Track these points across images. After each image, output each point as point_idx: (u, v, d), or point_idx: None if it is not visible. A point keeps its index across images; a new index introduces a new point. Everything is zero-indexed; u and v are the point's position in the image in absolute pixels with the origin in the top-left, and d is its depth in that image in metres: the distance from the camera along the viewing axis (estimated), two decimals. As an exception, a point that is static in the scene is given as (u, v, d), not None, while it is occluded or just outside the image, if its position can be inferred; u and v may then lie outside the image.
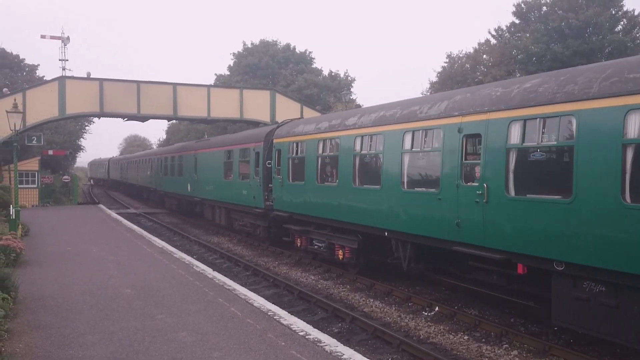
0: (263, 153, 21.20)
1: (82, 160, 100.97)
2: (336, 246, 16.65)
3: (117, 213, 34.45)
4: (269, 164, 20.74)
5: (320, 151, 17.07)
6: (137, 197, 55.22)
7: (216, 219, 28.27)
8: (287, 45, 63.39)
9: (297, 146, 18.63)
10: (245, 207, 23.35)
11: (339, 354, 8.24)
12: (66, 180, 47.21)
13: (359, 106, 47.83)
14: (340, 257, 16.41)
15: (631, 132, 8.20)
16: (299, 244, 18.96)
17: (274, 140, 20.34)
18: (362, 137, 14.99)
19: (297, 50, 63.30)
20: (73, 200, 44.54)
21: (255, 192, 21.83)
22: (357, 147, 15.19)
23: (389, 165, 13.76)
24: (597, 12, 40.04)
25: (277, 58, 60.99)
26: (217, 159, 27.06)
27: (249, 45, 63.76)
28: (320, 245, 17.54)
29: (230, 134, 37.24)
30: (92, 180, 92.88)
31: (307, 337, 9.02)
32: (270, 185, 20.64)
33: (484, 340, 10.84)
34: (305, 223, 18.33)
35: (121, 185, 66.71)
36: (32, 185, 39.55)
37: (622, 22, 42.03)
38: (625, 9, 42.18)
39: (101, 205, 41.43)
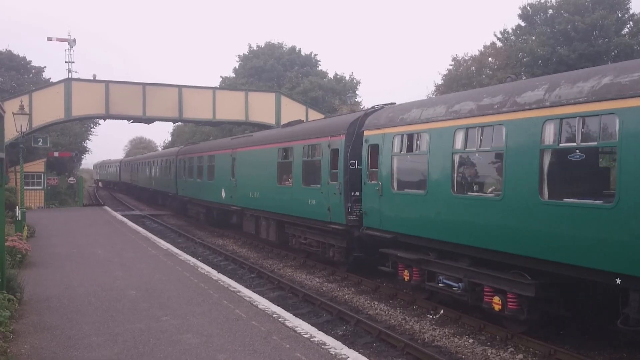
0: (345, 150, 15.98)
1: (88, 162, 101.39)
2: (486, 289, 11.28)
3: (122, 215, 34.55)
4: (353, 164, 15.84)
5: (459, 145, 11.77)
6: (150, 202, 49.55)
7: (262, 233, 22.77)
8: (293, 48, 63.46)
9: (408, 139, 13.67)
10: (311, 222, 18.03)
11: (344, 356, 8.22)
12: (72, 182, 47.35)
13: (362, 108, 47.95)
14: (497, 307, 10.86)
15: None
16: (407, 278, 13.57)
17: (366, 133, 15.18)
18: (561, 120, 9.45)
19: (303, 53, 63.37)
20: (78, 202, 44.67)
21: (332, 203, 16.40)
22: (550, 138, 9.66)
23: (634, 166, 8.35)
24: (603, 14, 39.93)
25: (282, 60, 61.06)
26: (266, 158, 21.60)
27: (255, 48, 63.88)
28: (454, 284, 12.06)
29: (277, 128, 30.53)
30: (100, 183, 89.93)
31: (311, 339, 9.01)
32: (354, 193, 15.79)
33: (489, 343, 10.80)
34: (421, 249, 13.18)
35: (132, 188, 61.51)
36: (38, 187, 39.71)
37: (628, 25, 41.91)
38: (631, 11, 42.08)
39: (106, 207, 41.54)
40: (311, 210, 17.76)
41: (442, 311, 12.72)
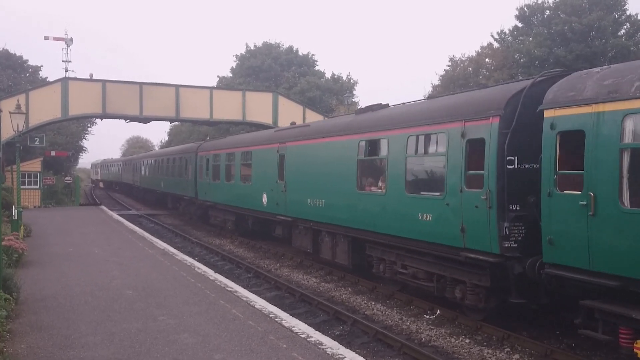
0: (499, 141, 10.52)
1: (84, 161, 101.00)
2: None
3: (118, 214, 34.49)
4: (511, 162, 10.51)
5: None
6: (157, 206, 44.12)
7: (324, 252, 17.40)
8: (290, 48, 63.44)
9: None
10: (421, 244, 12.67)
11: (340, 356, 8.24)
12: (68, 182, 47.28)
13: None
14: None
15: None
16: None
17: (552, 113, 9.59)
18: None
19: (300, 53, 63.35)
20: (75, 202, 44.59)
21: (469, 220, 11.15)
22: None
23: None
24: (600, 16, 40.01)
25: (279, 60, 61.03)
26: (337, 155, 16.17)
27: (252, 48, 63.82)
28: None
29: (333, 116, 27.44)
30: (101, 183, 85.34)
31: (308, 339, 9.02)
32: (513, 207, 10.49)
33: (485, 343, 10.82)
34: None
35: (136, 190, 55.95)
36: (34, 186, 39.61)
37: (625, 26, 42.01)
38: (628, 12, 42.17)
39: (103, 207, 41.47)
40: (424, 228, 12.38)
41: (438, 311, 12.75)
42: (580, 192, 8.94)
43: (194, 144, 34.47)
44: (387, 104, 16.08)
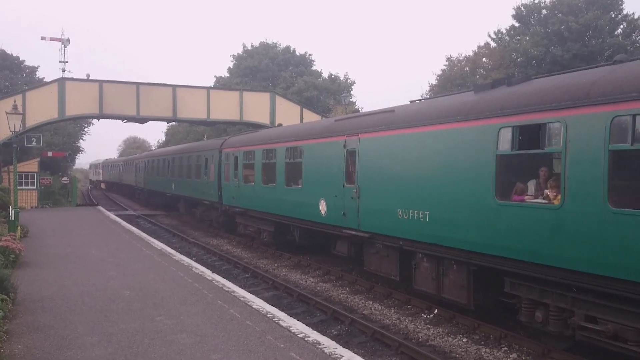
0: None
1: (81, 161, 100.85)
2: None
3: (115, 215, 34.44)
4: None
5: None
6: (165, 209, 41.01)
7: (420, 281, 12.84)
8: (287, 48, 63.46)
9: None
10: None
11: (338, 355, 8.24)
12: (65, 182, 47.20)
13: (358, 109, 47.92)
14: None
15: None
16: None
17: None
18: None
19: (297, 53, 63.38)
20: (72, 202, 44.52)
21: None
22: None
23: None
24: (596, 15, 40.10)
25: (277, 60, 61.05)
26: (451, 150, 11.51)
27: (249, 48, 63.84)
28: None
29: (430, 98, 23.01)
30: (103, 184, 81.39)
31: (306, 339, 9.02)
32: None
33: (483, 343, 10.83)
34: None
35: (139, 193, 51.11)
36: (31, 187, 39.56)
37: (621, 26, 42.09)
38: (625, 12, 42.25)
39: (100, 207, 41.43)
40: None
41: (436, 310, 12.77)
42: None
43: (217, 140, 29.76)
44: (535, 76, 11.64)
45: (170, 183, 36.25)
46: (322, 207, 16.52)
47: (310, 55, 64.06)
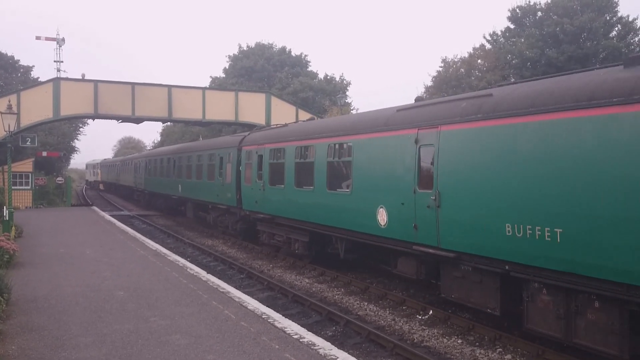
0: None
1: (76, 161, 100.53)
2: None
3: (110, 215, 34.34)
4: None
5: None
6: (170, 211, 38.12)
7: (536, 320, 9.82)
8: (283, 48, 63.46)
9: None
10: None
11: (333, 357, 8.23)
12: (60, 182, 47.07)
13: (353, 111, 47.94)
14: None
15: None
16: None
17: None
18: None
19: (293, 53, 63.39)
20: (67, 202, 44.39)
21: None
22: None
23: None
24: (591, 17, 40.24)
25: (272, 61, 61.04)
26: (604, 145, 8.40)
27: (245, 48, 63.81)
28: None
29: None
30: (102, 185, 78.63)
31: (301, 340, 9.01)
32: None
33: (477, 344, 10.85)
34: None
35: (137, 194, 49.61)
36: (26, 187, 39.39)
37: (616, 28, 42.26)
38: (619, 14, 42.44)
39: (95, 207, 41.31)
40: None
41: (431, 312, 12.78)
42: None
43: (235, 136, 26.33)
44: None
45: (176, 185, 33.25)
46: (382, 216, 13.49)
47: (306, 56, 64.12)
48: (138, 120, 39.33)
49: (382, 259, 15.43)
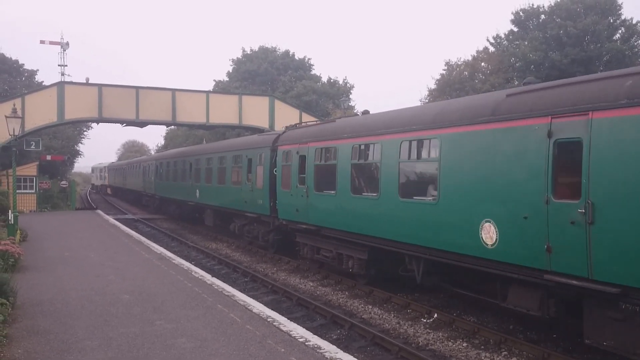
0: None
1: (80, 165, 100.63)
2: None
3: (114, 219, 34.41)
4: None
5: None
6: (184, 221, 35.31)
7: None
8: (286, 52, 63.53)
9: None
10: None
11: (339, 360, 8.24)
12: (64, 186, 47.16)
13: (357, 113, 47.93)
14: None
15: None
16: None
17: None
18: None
19: (296, 57, 63.44)
20: (71, 206, 44.49)
21: None
22: None
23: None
24: (595, 20, 40.20)
25: (276, 64, 61.09)
26: None
27: (248, 52, 63.88)
28: None
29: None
30: (109, 190, 75.22)
31: (307, 343, 9.01)
32: None
33: (482, 347, 10.83)
34: None
35: (146, 199, 46.48)
36: (30, 191, 39.50)
37: (620, 31, 42.20)
38: (623, 17, 42.39)
39: (99, 211, 41.40)
40: None
41: (435, 315, 12.76)
42: None
43: (267, 135, 23.20)
44: None
45: (192, 190, 30.43)
46: (488, 233, 10.60)
47: (309, 59, 64.16)
48: (142, 124, 39.39)
49: (480, 286, 12.26)
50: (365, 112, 18.53)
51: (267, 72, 60.12)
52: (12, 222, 20.96)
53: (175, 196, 35.28)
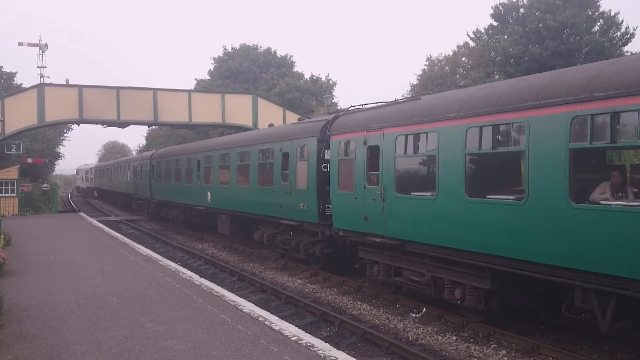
0: None
1: (61, 167, 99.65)
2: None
3: (98, 221, 34.13)
4: None
5: None
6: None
7: None
8: (268, 50, 63.36)
9: None
10: None
11: (333, 358, 8.26)
12: (46, 189, 46.69)
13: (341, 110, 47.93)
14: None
15: None
16: None
17: None
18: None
19: (278, 54, 63.31)
20: (53, 209, 44.06)
21: None
22: None
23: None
24: (574, 13, 40.63)
25: (258, 62, 60.92)
26: None
27: (230, 50, 63.61)
28: None
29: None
30: (96, 192, 71.58)
31: (299, 342, 9.02)
32: None
33: (472, 340, 10.92)
34: None
35: (135, 202, 43.00)
36: (12, 194, 39.04)
37: (598, 23, 42.69)
38: (601, 9, 42.89)
39: (82, 213, 41.04)
40: None
41: (424, 309, 12.83)
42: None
43: (311, 122, 18.65)
44: None
45: (202, 192, 26.50)
46: None
47: (291, 56, 64.07)
48: (123, 125, 39.10)
49: None
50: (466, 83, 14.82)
51: (249, 70, 59.94)
52: (-5, 227, 20.71)
53: (178, 199, 30.92)
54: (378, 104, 15.23)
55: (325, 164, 16.38)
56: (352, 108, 16.62)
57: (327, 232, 16.25)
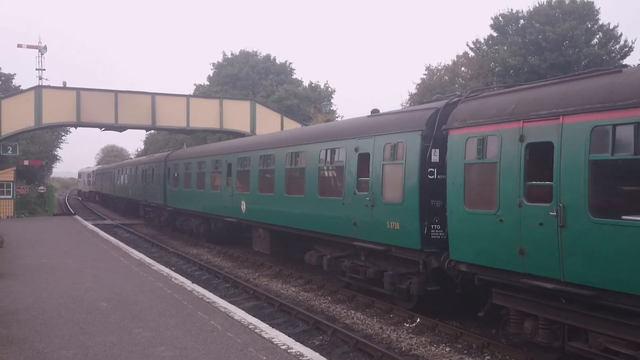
0: None
1: (58, 170, 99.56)
2: None
3: (93, 224, 33.97)
4: None
5: None
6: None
7: None
8: (268, 56, 63.46)
9: None
10: None
11: (321, 367, 8.13)
12: (42, 191, 46.50)
13: (339, 118, 47.94)
14: None
15: None
16: None
17: None
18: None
19: (278, 61, 63.41)
20: (49, 212, 43.86)
21: None
22: None
23: None
24: (573, 25, 40.72)
25: (257, 68, 61.00)
26: None
27: (229, 56, 63.72)
28: None
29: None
30: (97, 196, 66.17)
31: (289, 351, 8.88)
32: None
33: (465, 352, 10.77)
34: None
35: (143, 209, 38.93)
36: (7, 196, 38.86)
37: (597, 36, 42.82)
38: (600, 22, 43.02)
39: (77, 217, 40.87)
40: None
41: (418, 319, 12.69)
42: None
43: (407, 112, 14.10)
44: None
45: (235, 201, 22.05)
46: None
47: (290, 63, 64.20)
48: (121, 128, 39.04)
49: None
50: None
51: (248, 77, 60.01)
52: (-12, 229, 20.55)
53: (199, 209, 26.51)
54: (534, 83, 10.68)
55: (431, 169, 12.21)
56: (469, 94, 11.94)
57: (434, 262, 11.84)
